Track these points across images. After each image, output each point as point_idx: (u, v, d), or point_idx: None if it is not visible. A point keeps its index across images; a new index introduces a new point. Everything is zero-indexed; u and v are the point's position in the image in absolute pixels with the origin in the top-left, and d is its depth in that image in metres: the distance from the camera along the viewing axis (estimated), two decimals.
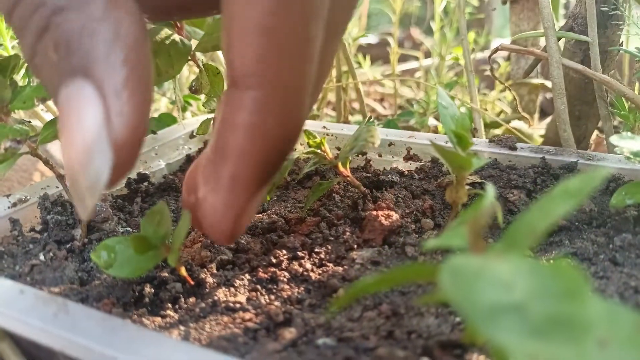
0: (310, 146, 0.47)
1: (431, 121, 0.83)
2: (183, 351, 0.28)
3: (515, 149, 0.55)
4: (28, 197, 0.46)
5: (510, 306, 0.19)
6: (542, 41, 0.80)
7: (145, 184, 0.55)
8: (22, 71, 0.47)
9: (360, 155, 0.61)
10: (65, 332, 0.30)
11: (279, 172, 0.34)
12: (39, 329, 0.31)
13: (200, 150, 0.64)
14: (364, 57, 1.15)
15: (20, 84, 0.46)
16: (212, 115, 0.57)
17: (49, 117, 0.71)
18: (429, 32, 1.88)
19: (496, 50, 0.59)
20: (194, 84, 0.53)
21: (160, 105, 0.98)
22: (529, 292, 0.19)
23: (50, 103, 0.58)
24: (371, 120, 0.52)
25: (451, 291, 0.20)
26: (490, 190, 0.26)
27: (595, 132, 0.72)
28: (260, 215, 0.52)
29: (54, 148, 0.77)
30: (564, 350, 0.18)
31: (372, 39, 1.58)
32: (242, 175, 0.29)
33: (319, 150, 0.47)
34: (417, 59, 1.32)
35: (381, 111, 1.21)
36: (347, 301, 0.34)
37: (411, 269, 0.24)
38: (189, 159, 0.62)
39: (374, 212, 0.47)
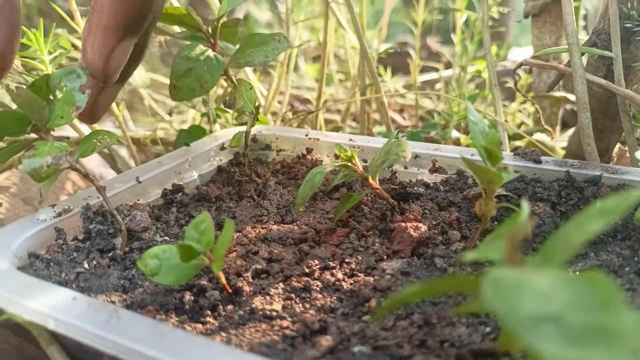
0: (342, 159, 0.49)
1: (453, 133, 0.84)
2: (230, 356, 0.30)
3: (539, 162, 0.56)
4: (71, 207, 0.49)
5: (549, 316, 0.20)
6: (564, 55, 0.81)
7: (180, 194, 0.57)
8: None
9: (386, 167, 0.62)
10: (118, 337, 0.32)
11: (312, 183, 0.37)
12: (93, 335, 0.32)
13: (230, 162, 0.66)
14: (385, 68, 1.16)
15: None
16: (243, 128, 0.59)
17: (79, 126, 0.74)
18: (446, 41, 1.89)
19: (520, 64, 0.61)
20: (227, 98, 0.55)
21: (188, 117, 1.00)
22: (567, 303, 0.21)
23: None
24: (399, 134, 0.53)
25: (493, 301, 0.21)
26: (525, 205, 0.27)
27: (618, 144, 0.72)
28: (291, 225, 0.54)
29: (85, 160, 0.80)
30: (600, 359, 0.19)
31: (384, 47, 1.60)
32: (110, 23, 0.43)
33: (349, 164, 0.49)
34: (436, 70, 1.33)
35: (401, 122, 1.22)
36: (388, 310, 0.36)
37: (453, 280, 0.26)
38: (220, 170, 0.64)
39: (403, 224, 0.49)
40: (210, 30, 0.55)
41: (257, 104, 0.57)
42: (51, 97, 0.44)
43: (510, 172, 0.41)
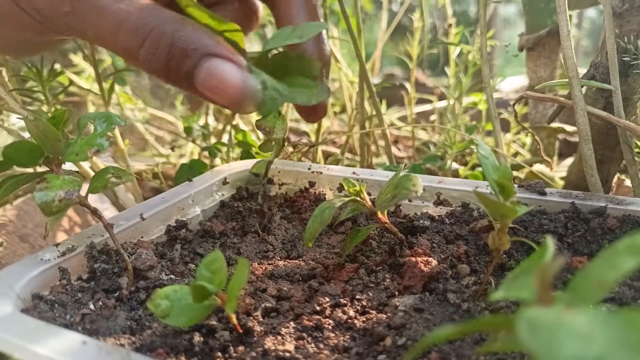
0: (350, 194, 0.49)
1: (452, 165, 0.84)
2: None
3: (544, 194, 0.57)
4: (75, 246, 0.48)
5: (592, 357, 0.20)
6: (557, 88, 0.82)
7: (184, 230, 0.56)
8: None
9: (397, 203, 0.62)
10: None
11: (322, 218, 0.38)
12: None
13: (233, 197, 0.65)
14: (380, 101, 1.17)
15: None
16: (246, 162, 0.59)
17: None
18: (436, 74, 1.92)
19: (520, 97, 0.61)
20: (266, 126, 0.55)
21: (187, 150, 1.00)
22: (609, 344, 0.20)
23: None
24: (403, 167, 0.53)
25: (530, 342, 0.21)
26: (550, 241, 0.27)
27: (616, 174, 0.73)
28: (297, 261, 0.53)
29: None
30: None
31: (375, 80, 1.62)
32: None
33: (358, 198, 0.48)
34: (426, 102, 1.35)
35: (397, 153, 1.23)
36: (419, 351, 0.35)
37: (489, 321, 0.25)
38: (223, 205, 0.64)
39: (413, 258, 0.48)
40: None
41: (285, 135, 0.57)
42: (67, 132, 0.44)
43: (523, 206, 0.40)
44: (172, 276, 0.49)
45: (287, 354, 0.39)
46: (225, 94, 0.47)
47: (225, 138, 0.91)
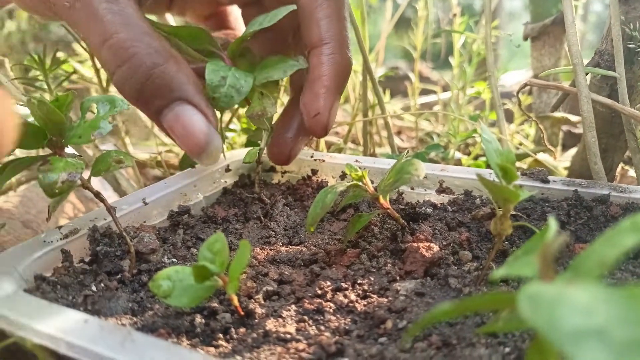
0: (352, 179, 0.49)
1: (455, 154, 0.84)
2: None
3: (547, 181, 0.56)
4: (78, 229, 0.48)
5: (593, 331, 0.20)
6: (560, 77, 0.82)
7: (186, 216, 0.56)
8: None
9: (398, 187, 0.62)
10: None
11: (324, 203, 0.40)
12: (107, 359, 0.31)
13: (236, 183, 0.65)
14: (383, 91, 1.17)
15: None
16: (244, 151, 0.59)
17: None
18: (437, 67, 1.91)
19: (524, 85, 0.61)
20: (258, 110, 0.55)
21: None
22: (610, 317, 0.20)
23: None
24: (406, 154, 0.53)
25: (532, 317, 0.21)
26: (553, 221, 0.27)
27: (620, 163, 0.73)
28: (299, 247, 0.53)
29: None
30: None
31: (379, 71, 1.61)
32: (334, 88, 0.54)
33: (360, 183, 0.48)
34: (430, 92, 1.34)
35: (400, 144, 1.23)
36: (421, 328, 0.35)
37: (490, 298, 0.25)
38: (226, 192, 0.64)
39: (415, 244, 0.48)
40: (229, 52, 0.55)
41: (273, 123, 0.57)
42: (71, 116, 0.44)
43: (525, 191, 0.40)
44: (174, 259, 0.49)
45: (288, 335, 0.39)
46: (187, 142, 0.48)
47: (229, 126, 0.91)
